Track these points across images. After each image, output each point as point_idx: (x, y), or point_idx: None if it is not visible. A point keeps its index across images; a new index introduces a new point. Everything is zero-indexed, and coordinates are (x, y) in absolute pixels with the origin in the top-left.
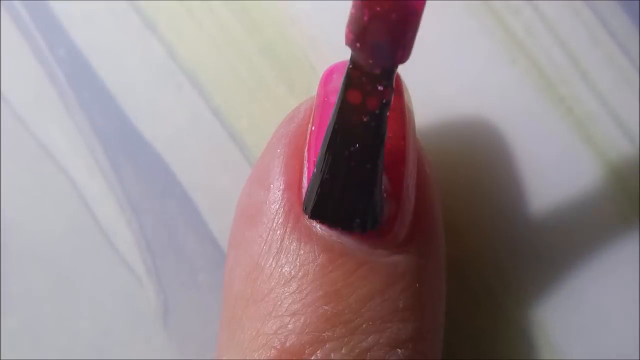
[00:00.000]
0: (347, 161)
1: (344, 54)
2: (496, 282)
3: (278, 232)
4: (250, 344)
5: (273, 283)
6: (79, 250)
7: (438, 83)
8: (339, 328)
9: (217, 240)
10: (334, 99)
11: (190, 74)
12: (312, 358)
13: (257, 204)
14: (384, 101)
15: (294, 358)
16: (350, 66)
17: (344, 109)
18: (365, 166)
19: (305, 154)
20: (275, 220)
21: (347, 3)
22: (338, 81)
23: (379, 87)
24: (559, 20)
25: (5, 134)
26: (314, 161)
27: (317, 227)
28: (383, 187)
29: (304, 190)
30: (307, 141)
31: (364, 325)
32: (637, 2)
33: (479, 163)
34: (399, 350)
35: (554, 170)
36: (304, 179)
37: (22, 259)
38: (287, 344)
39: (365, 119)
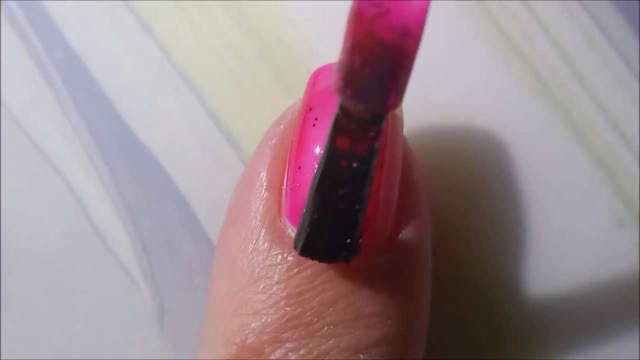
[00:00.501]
0: (336, 203)
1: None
2: (491, 285)
3: (254, 232)
4: (217, 340)
5: (243, 282)
6: (75, 253)
7: (434, 86)
8: (299, 330)
9: (213, 242)
10: (318, 103)
11: (187, 76)
12: (271, 357)
13: (240, 204)
14: (373, 146)
15: (254, 356)
16: (339, 113)
17: (333, 154)
18: (353, 206)
19: (288, 157)
20: (253, 221)
21: (345, 6)
22: (323, 82)
23: (369, 134)
24: (555, 24)
25: (2, 136)
26: (296, 165)
27: (290, 230)
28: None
29: (283, 193)
30: (290, 145)
31: (325, 329)
32: (634, 5)
33: (475, 166)
34: (361, 355)
35: (549, 173)
36: (284, 183)
37: (18, 262)
38: (248, 342)
39: (354, 165)
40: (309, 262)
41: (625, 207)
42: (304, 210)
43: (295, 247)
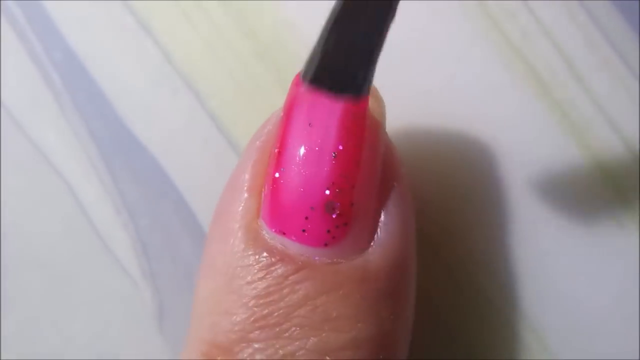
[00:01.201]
0: (358, 26)
1: None
2: (490, 285)
3: (232, 233)
4: (192, 338)
5: (219, 282)
6: (75, 253)
7: (434, 87)
8: (266, 330)
9: None
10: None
11: (186, 77)
12: (239, 357)
13: (223, 205)
14: None
15: (223, 355)
16: None
17: None
18: (372, 39)
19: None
20: (232, 222)
21: None
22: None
23: None
24: (555, 25)
25: (1, 137)
26: (277, 167)
27: (264, 231)
28: (338, 190)
29: (262, 195)
30: (272, 147)
31: (292, 330)
32: (634, 6)
33: (474, 167)
34: (327, 358)
35: (549, 174)
36: (265, 184)
37: (18, 262)
38: (218, 341)
39: None
40: (280, 263)
41: (624, 207)
42: (318, 38)
43: (304, 77)
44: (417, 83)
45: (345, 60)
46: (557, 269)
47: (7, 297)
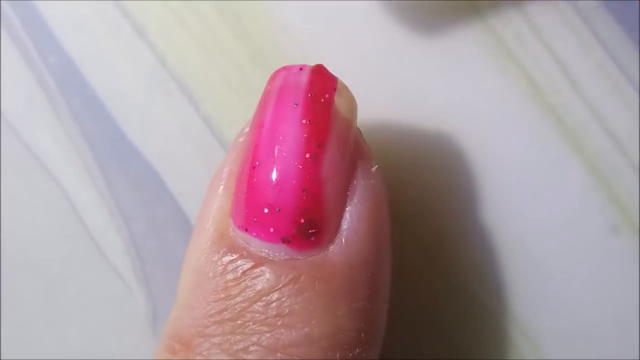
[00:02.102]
0: None
1: (334, 63)
2: (482, 290)
3: (203, 229)
4: (162, 333)
5: (187, 278)
6: (69, 257)
7: (428, 91)
8: (223, 325)
9: None
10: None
11: (181, 81)
12: (196, 351)
13: (203, 202)
14: None
15: (183, 348)
16: None
17: None
18: None
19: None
20: (205, 220)
21: (339, 11)
22: (274, 83)
23: None
24: (549, 29)
25: None
26: (241, 164)
27: (231, 229)
28: (304, 190)
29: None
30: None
31: (246, 325)
32: (628, 10)
33: (468, 171)
34: (279, 354)
35: (543, 179)
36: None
37: (12, 266)
38: (179, 335)
39: None
40: (241, 259)
41: (619, 213)
42: None
43: None
44: (410, 87)
45: None
46: (550, 273)
47: (1, 300)
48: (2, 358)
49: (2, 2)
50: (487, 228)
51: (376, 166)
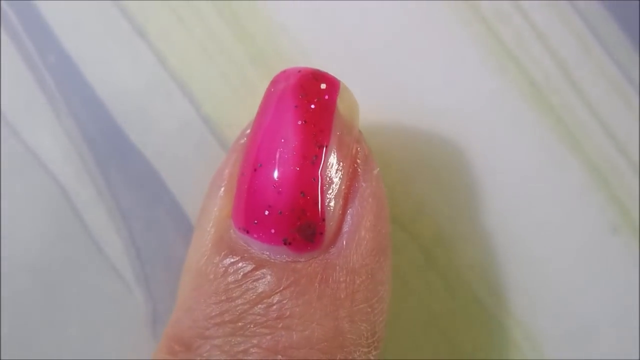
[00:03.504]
0: None
1: (334, 63)
2: (483, 291)
3: (203, 231)
4: (163, 334)
5: (187, 279)
6: (68, 257)
7: (428, 91)
8: (223, 327)
9: None
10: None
11: (181, 81)
12: (197, 352)
13: (203, 203)
14: None
15: (184, 349)
16: None
17: None
18: None
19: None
20: (205, 221)
21: (338, 12)
22: (274, 87)
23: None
24: (549, 29)
25: None
26: (241, 165)
27: (232, 230)
28: (302, 192)
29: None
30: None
31: (247, 327)
32: (628, 10)
33: (468, 172)
34: (279, 356)
35: (543, 179)
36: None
37: (10, 266)
38: (179, 336)
39: None
40: (242, 261)
41: (619, 213)
42: None
43: None
44: (410, 87)
45: None
46: (551, 275)
47: (1, 300)
48: (2, 358)
49: (2, 2)
50: (487, 228)
51: (377, 169)
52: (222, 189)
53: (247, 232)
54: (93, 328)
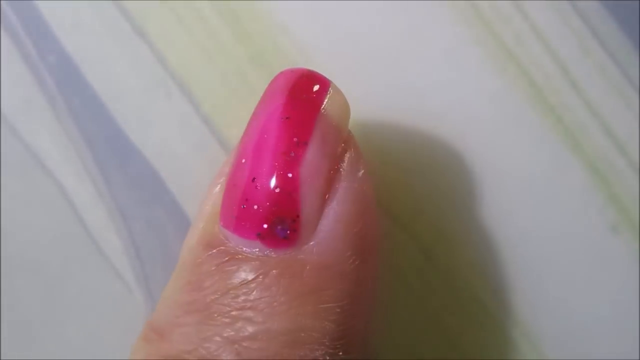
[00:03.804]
0: None
1: (334, 63)
2: (483, 291)
3: (195, 224)
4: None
5: (174, 271)
6: (68, 257)
7: (428, 91)
8: (191, 315)
9: None
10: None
11: (180, 81)
12: (167, 339)
13: (201, 203)
14: None
15: (157, 337)
16: None
17: None
18: None
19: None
20: (200, 214)
21: (338, 12)
22: (273, 83)
23: None
24: (549, 29)
25: None
26: (233, 167)
27: (217, 225)
28: (277, 188)
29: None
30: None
31: (213, 316)
32: (628, 10)
33: (468, 171)
34: (236, 346)
35: (543, 179)
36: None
37: (11, 266)
38: (154, 324)
39: None
40: (216, 251)
41: (619, 213)
42: None
43: None
44: (411, 87)
45: None
46: (551, 274)
47: (1, 300)
48: (2, 358)
49: (2, 2)
50: (487, 228)
51: (363, 170)
52: (218, 186)
53: (226, 226)
54: (93, 327)
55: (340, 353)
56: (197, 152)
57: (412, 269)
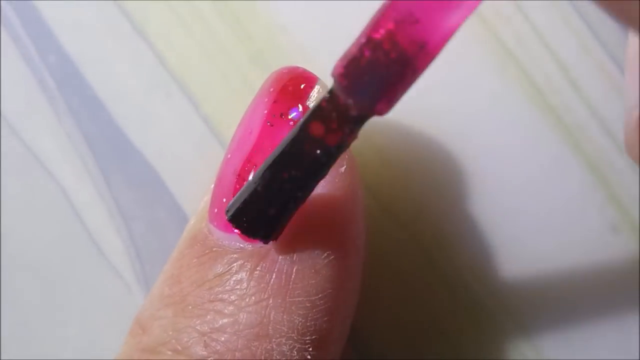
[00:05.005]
0: (282, 184)
1: (334, 63)
2: (484, 292)
3: (188, 225)
4: None
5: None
6: (68, 258)
7: (428, 91)
8: (169, 308)
9: None
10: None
11: (181, 81)
12: (148, 332)
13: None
14: (344, 142)
15: (140, 330)
16: (327, 97)
17: (302, 135)
18: (297, 192)
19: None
20: (193, 216)
21: (338, 12)
22: (266, 84)
23: (345, 129)
24: (549, 29)
25: None
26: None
27: (204, 224)
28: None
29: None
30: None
31: (187, 308)
32: None
33: (468, 171)
34: (205, 338)
35: (542, 179)
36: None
37: (11, 266)
38: (138, 317)
39: (317, 152)
40: (197, 246)
41: (618, 212)
42: (249, 180)
43: (227, 212)
44: (411, 87)
45: (264, 208)
46: (550, 273)
47: (1, 300)
48: (2, 358)
49: (2, 2)
50: (487, 228)
51: (345, 166)
52: (214, 185)
53: (210, 219)
54: (93, 327)
55: (310, 349)
56: (197, 152)
57: (412, 269)
